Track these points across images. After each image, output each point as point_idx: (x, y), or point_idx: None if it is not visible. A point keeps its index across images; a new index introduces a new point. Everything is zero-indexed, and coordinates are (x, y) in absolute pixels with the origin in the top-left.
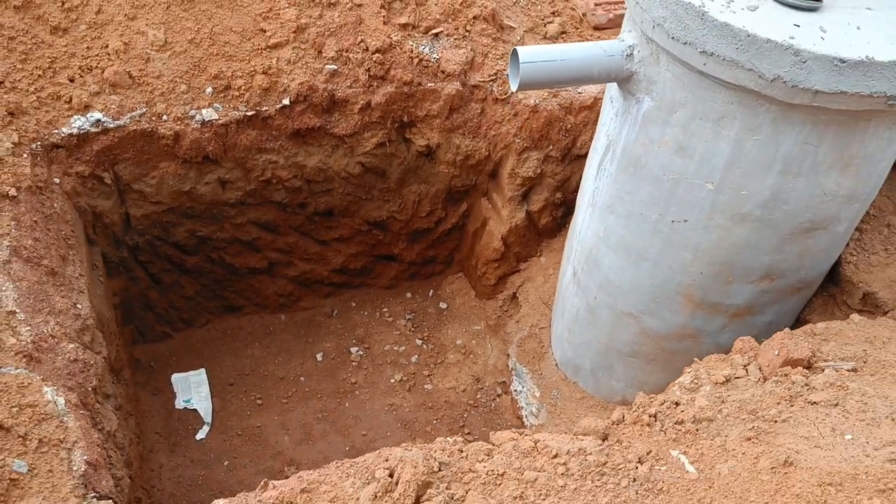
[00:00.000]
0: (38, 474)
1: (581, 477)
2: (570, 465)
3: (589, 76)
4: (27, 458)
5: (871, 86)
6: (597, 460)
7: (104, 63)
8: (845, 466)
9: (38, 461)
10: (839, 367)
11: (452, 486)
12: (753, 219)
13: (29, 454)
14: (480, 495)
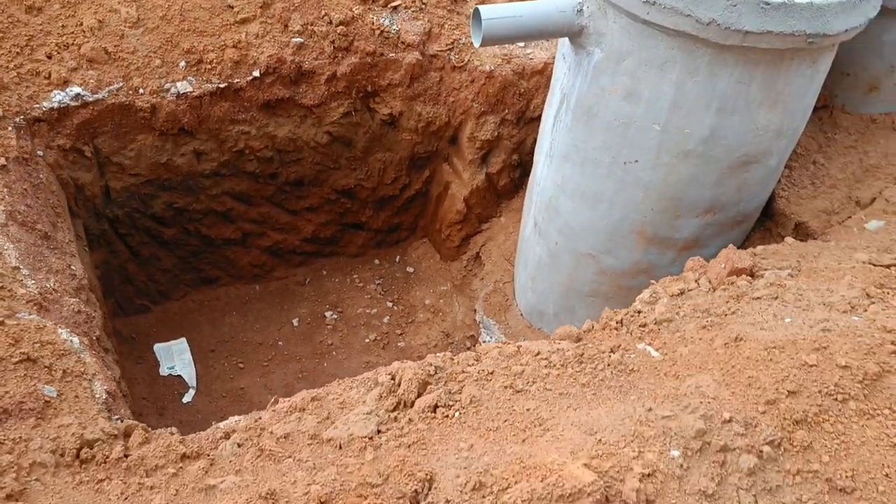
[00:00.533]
0: (66, 399)
1: (562, 366)
2: (551, 359)
3: (544, 31)
4: (55, 385)
5: (793, 25)
6: (574, 353)
7: (80, 40)
8: (786, 337)
9: (64, 388)
10: (778, 273)
11: (449, 383)
12: (696, 155)
13: (55, 382)
14: (475, 387)
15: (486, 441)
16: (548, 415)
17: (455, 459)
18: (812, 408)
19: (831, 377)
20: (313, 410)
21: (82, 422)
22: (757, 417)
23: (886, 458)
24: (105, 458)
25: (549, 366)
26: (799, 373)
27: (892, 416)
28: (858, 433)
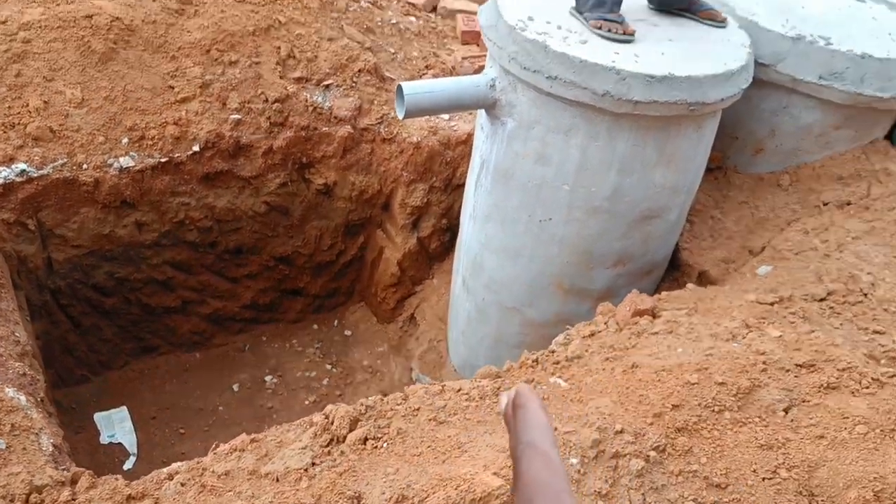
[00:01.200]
0: (14, 451)
1: (480, 398)
2: (471, 394)
3: (461, 104)
4: (4, 438)
5: (675, 95)
6: (492, 388)
7: (26, 119)
8: (675, 362)
9: (12, 441)
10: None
11: (378, 420)
12: (603, 211)
13: (4, 435)
14: (402, 421)
15: (410, 465)
16: (466, 439)
17: (382, 481)
18: (692, 418)
19: (710, 392)
20: (252, 450)
21: (31, 470)
22: (645, 428)
23: (754, 458)
24: (53, 501)
25: (468, 399)
26: (682, 390)
27: (760, 423)
28: (732, 438)
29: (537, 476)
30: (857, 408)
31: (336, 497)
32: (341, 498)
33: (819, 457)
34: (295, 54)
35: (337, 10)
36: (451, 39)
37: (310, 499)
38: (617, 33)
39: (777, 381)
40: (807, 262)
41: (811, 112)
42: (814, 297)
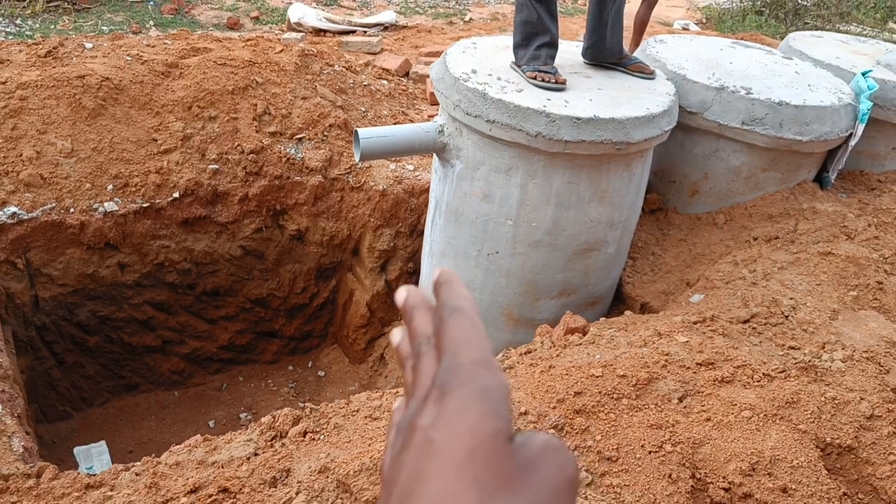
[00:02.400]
0: None
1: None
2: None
3: (413, 148)
4: None
5: (601, 135)
6: None
7: (19, 167)
8: (586, 362)
9: None
10: (600, 328)
11: (320, 419)
12: (544, 244)
13: None
14: (341, 419)
15: (340, 449)
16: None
17: (312, 459)
18: (591, 402)
19: (611, 383)
20: (203, 446)
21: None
22: (548, 411)
23: (644, 436)
24: (18, 488)
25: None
26: (586, 381)
27: (655, 409)
28: (627, 420)
29: (467, 335)
30: (746, 397)
31: (268, 471)
32: (272, 471)
33: (704, 435)
34: (270, 111)
35: (311, 72)
36: (420, 100)
37: (245, 474)
38: (550, 82)
39: (675, 375)
40: (735, 289)
41: (738, 155)
42: (738, 319)
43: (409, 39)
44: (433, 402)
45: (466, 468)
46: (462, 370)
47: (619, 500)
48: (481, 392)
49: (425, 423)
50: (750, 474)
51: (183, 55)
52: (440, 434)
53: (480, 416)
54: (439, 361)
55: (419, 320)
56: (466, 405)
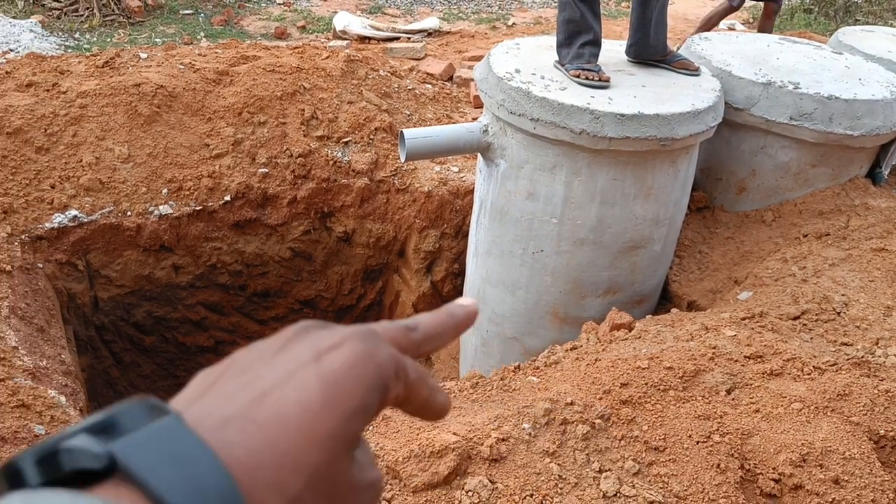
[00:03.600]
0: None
1: (459, 391)
2: (451, 389)
3: (457, 148)
4: (44, 426)
5: (645, 131)
6: (471, 384)
7: (79, 173)
8: (631, 354)
9: (51, 429)
10: (646, 323)
11: None
12: (589, 242)
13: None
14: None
15: (388, 439)
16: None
17: None
18: (637, 393)
19: (657, 375)
20: None
21: None
22: (594, 402)
23: (691, 426)
24: None
25: (449, 392)
26: (633, 373)
27: (702, 400)
28: (673, 411)
29: (412, 322)
30: (796, 390)
31: None
32: None
33: (753, 427)
34: (317, 115)
35: (357, 77)
36: (464, 104)
37: None
38: (593, 80)
39: (723, 367)
40: (785, 286)
41: (787, 151)
42: (788, 316)
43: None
44: (337, 340)
45: (321, 391)
46: (375, 335)
47: (667, 490)
48: (371, 361)
49: (315, 343)
50: (801, 465)
51: (233, 63)
52: (318, 361)
53: (357, 379)
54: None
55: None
56: (354, 360)
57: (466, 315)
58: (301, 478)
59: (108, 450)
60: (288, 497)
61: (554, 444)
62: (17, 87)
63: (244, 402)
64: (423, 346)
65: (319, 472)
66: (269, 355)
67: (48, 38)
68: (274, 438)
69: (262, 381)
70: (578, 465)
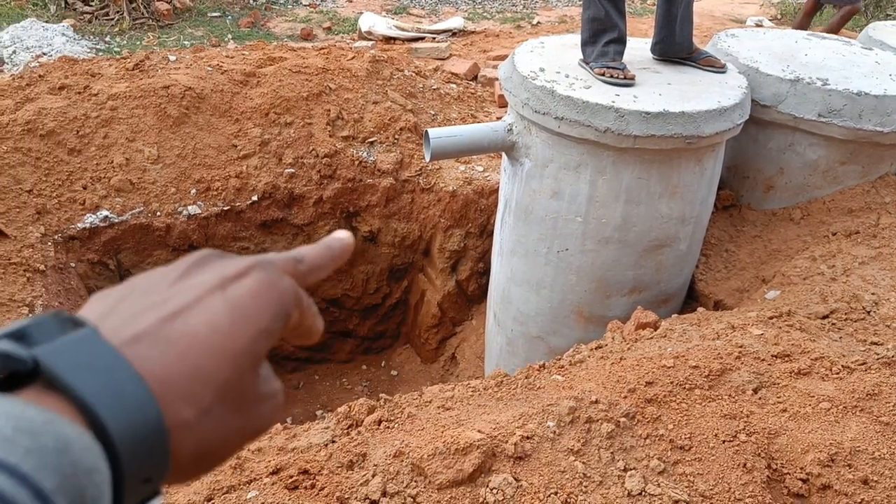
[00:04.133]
0: None
1: (484, 389)
2: (476, 387)
3: (481, 147)
4: None
5: (671, 129)
6: (496, 382)
7: (110, 174)
8: (657, 353)
9: None
10: (671, 322)
11: (394, 410)
12: (614, 241)
13: None
14: (414, 408)
15: (413, 436)
16: (465, 417)
17: (387, 445)
18: (663, 392)
19: (683, 373)
20: (283, 434)
21: None
22: (619, 400)
23: (717, 425)
24: None
25: (474, 390)
26: (658, 371)
27: (729, 399)
28: (699, 410)
29: (299, 252)
30: (824, 389)
31: (345, 455)
32: (349, 455)
33: (780, 426)
34: (343, 116)
35: (382, 78)
36: (489, 103)
37: (323, 459)
38: (618, 78)
39: (749, 366)
40: (813, 285)
41: (815, 149)
42: (816, 315)
43: (478, 44)
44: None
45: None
46: (275, 266)
47: (693, 489)
48: (275, 289)
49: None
50: (829, 465)
51: (260, 64)
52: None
53: (263, 304)
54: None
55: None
56: (259, 288)
57: (343, 247)
58: (212, 390)
59: (32, 354)
60: (200, 407)
61: (578, 443)
62: (49, 90)
63: (154, 321)
64: (309, 276)
65: (229, 385)
66: (172, 280)
67: (80, 42)
68: (185, 354)
69: (169, 303)
70: (603, 463)
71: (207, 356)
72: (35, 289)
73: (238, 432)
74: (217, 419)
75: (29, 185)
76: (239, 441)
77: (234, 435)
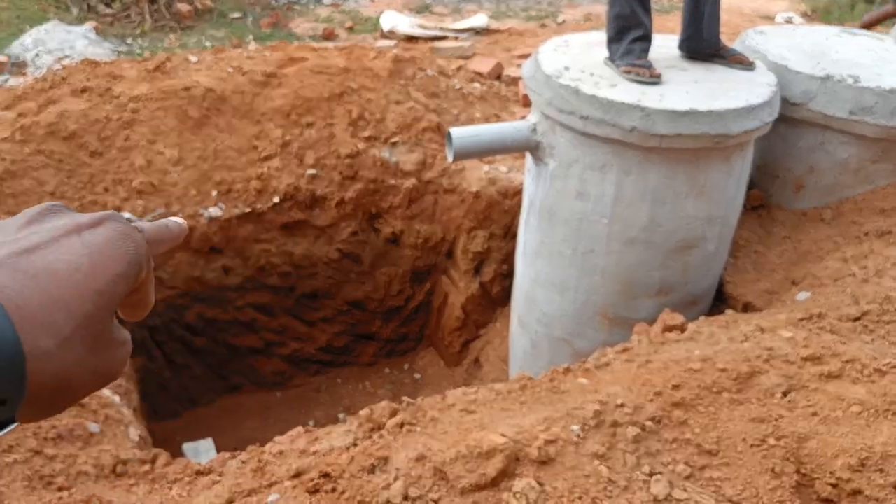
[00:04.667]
0: (106, 435)
1: (508, 393)
2: (500, 390)
3: (505, 146)
4: (99, 424)
5: (699, 128)
6: (520, 386)
7: (131, 176)
8: (684, 356)
9: (105, 428)
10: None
11: (417, 413)
12: (640, 241)
13: (99, 423)
14: (437, 412)
15: (436, 440)
16: (489, 421)
17: (409, 448)
18: (690, 395)
19: (710, 377)
20: (305, 437)
21: (118, 449)
22: (645, 404)
23: (746, 430)
24: (135, 472)
25: (498, 393)
26: (685, 375)
27: (757, 403)
28: (727, 413)
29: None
30: (855, 392)
31: (367, 458)
32: (371, 459)
33: (810, 430)
34: (365, 116)
35: (405, 77)
36: (512, 103)
37: (345, 463)
38: (644, 76)
39: (779, 369)
40: (844, 286)
41: (846, 147)
42: (848, 317)
43: (501, 43)
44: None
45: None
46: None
47: (720, 494)
48: (131, 240)
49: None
50: (859, 470)
51: (281, 65)
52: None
53: (121, 251)
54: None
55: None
56: (117, 236)
57: (180, 230)
58: (72, 322)
59: None
60: (60, 337)
61: (603, 447)
62: (72, 93)
63: (9, 254)
64: (149, 246)
65: (88, 320)
66: (20, 225)
67: (102, 44)
68: (45, 286)
69: (22, 241)
70: (628, 467)
71: (68, 290)
72: None
73: (94, 372)
74: (76, 353)
75: (51, 187)
76: (93, 381)
77: (91, 374)
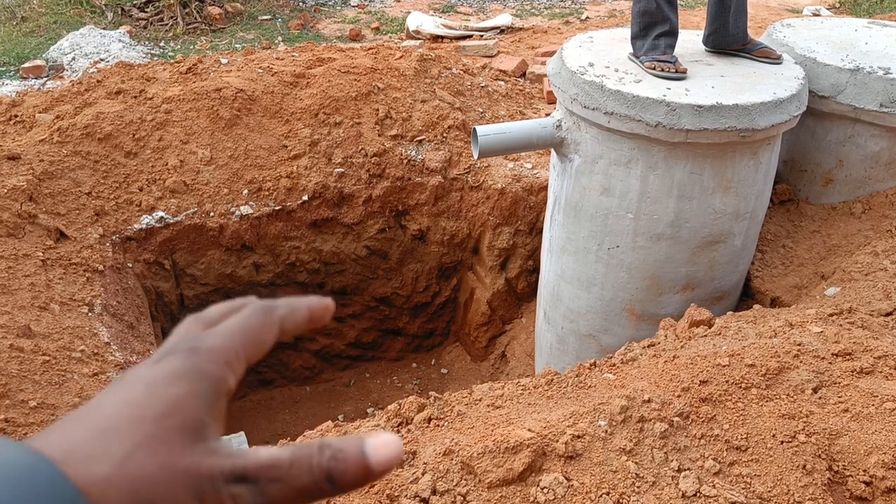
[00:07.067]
0: None
1: (534, 387)
2: (526, 385)
3: (530, 143)
4: None
5: (724, 123)
6: (546, 380)
7: (165, 176)
8: (711, 351)
9: None
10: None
11: (444, 408)
12: (666, 237)
13: None
14: (463, 406)
15: (463, 434)
16: (515, 416)
17: (437, 443)
18: (718, 391)
19: (739, 372)
20: (334, 431)
21: None
22: (672, 399)
23: (775, 425)
24: None
25: (524, 388)
26: (713, 370)
27: (787, 399)
28: (756, 409)
29: (235, 328)
30: (888, 389)
31: None
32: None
33: (842, 427)
34: (391, 115)
35: (430, 76)
36: (537, 100)
37: None
38: (669, 72)
39: (808, 365)
40: (875, 281)
41: (877, 140)
42: (879, 312)
43: (526, 41)
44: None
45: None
46: (198, 348)
47: (750, 491)
48: (196, 372)
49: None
50: (893, 468)
51: (309, 66)
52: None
53: (180, 393)
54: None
55: (222, 308)
56: (176, 374)
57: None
58: (127, 443)
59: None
60: (113, 459)
61: (631, 442)
62: (107, 95)
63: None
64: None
65: (150, 440)
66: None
67: (135, 48)
68: (88, 421)
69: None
70: (656, 463)
71: (119, 420)
72: (94, 288)
73: (175, 482)
74: (146, 469)
75: (88, 187)
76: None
77: (173, 484)
